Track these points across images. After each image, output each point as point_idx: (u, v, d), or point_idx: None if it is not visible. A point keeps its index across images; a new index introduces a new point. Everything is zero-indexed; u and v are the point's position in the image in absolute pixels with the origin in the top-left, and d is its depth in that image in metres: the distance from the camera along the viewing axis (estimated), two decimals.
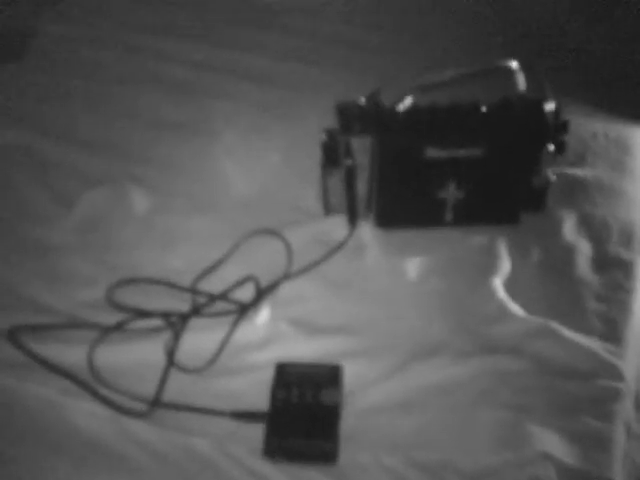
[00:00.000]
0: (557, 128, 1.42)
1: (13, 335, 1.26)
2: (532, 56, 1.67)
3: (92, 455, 1.12)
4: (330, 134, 1.47)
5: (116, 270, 1.39)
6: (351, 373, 1.21)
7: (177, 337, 1.28)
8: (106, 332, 1.28)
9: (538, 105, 1.40)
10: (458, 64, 1.47)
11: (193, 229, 1.50)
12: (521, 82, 1.44)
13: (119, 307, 1.33)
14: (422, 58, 1.89)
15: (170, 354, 1.25)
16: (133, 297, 1.34)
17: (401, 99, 1.42)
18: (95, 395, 1.19)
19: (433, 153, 1.41)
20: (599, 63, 1.93)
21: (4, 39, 2.06)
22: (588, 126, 1.73)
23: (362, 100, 1.46)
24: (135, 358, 1.25)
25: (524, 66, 1.45)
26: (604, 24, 2.02)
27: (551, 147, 1.43)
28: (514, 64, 1.44)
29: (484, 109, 1.40)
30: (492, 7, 2.11)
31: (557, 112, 1.41)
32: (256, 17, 2.16)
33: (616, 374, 1.22)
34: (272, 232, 1.45)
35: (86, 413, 1.17)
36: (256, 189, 1.59)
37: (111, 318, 1.31)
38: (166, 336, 1.28)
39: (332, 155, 1.47)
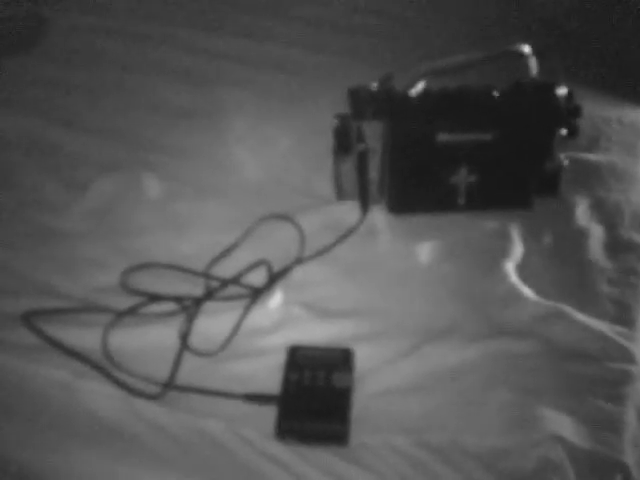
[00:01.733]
0: (569, 112, 1.42)
1: (28, 319, 1.27)
2: (545, 41, 1.67)
3: (105, 437, 1.12)
4: (342, 119, 1.48)
5: (129, 255, 1.40)
6: (362, 356, 1.21)
7: (190, 321, 1.28)
8: (120, 316, 1.29)
9: (550, 89, 1.40)
10: (470, 49, 1.47)
11: (205, 215, 1.50)
12: (533, 67, 1.44)
13: (133, 291, 1.33)
14: (433, 44, 1.90)
15: (183, 337, 1.26)
16: (146, 282, 1.35)
17: (413, 84, 1.43)
18: (109, 377, 1.19)
19: (445, 138, 1.41)
20: (613, 48, 1.92)
21: (14, 29, 2.07)
22: (602, 111, 1.73)
23: (374, 85, 1.46)
24: (149, 341, 1.26)
25: (536, 51, 1.45)
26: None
27: (563, 131, 1.43)
28: (526, 48, 1.43)
29: (496, 93, 1.41)
30: None
31: (569, 96, 1.42)
32: (266, 5, 2.17)
33: (627, 357, 1.22)
34: (284, 217, 1.46)
35: (100, 395, 1.17)
36: (268, 175, 1.60)
37: (125, 302, 1.31)
38: (179, 320, 1.29)
39: (344, 140, 1.47)
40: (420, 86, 1.42)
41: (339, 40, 2.01)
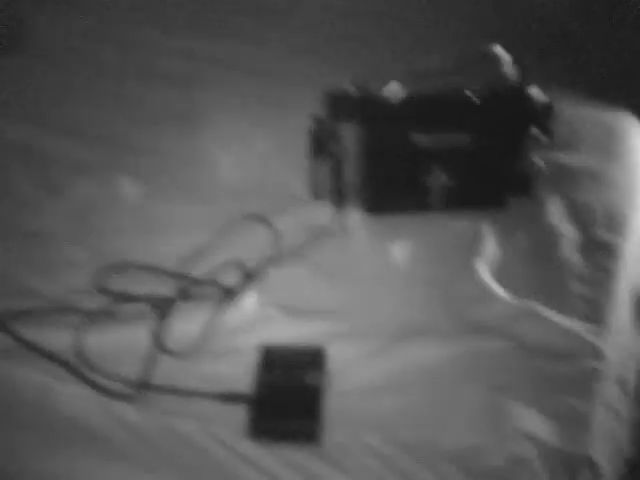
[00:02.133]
0: (542, 113, 1.43)
1: (2, 321, 1.27)
2: (521, 43, 1.68)
3: (80, 438, 1.13)
4: (318, 121, 1.48)
5: (104, 256, 1.40)
6: (335, 355, 1.22)
7: (163, 321, 1.29)
8: (93, 317, 1.29)
9: (522, 90, 1.41)
10: (445, 50, 1.48)
11: (181, 215, 1.51)
12: (506, 67, 1.45)
13: (106, 292, 1.33)
14: (410, 46, 1.89)
15: (156, 338, 1.26)
16: (120, 282, 1.35)
17: (388, 86, 1.43)
18: (82, 379, 1.20)
19: (420, 139, 1.42)
20: (590, 51, 1.93)
21: (2, 30, 2.06)
22: (577, 113, 1.73)
23: (350, 87, 1.46)
24: (122, 342, 1.26)
25: (510, 52, 1.46)
26: (597, 14, 2.02)
27: (536, 131, 1.44)
28: (499, 49, 1.44)
29: (470, 95, 1.41)
30: None
31: (542, 97, 1.42)
32: (245, 8, 2.16)
33: (597, 354, 1.23)
34: (260, 218, 1.46)
35: (73, 396, 1.18)
36: (245, 176, 1.60)
37: (99, 303, 1.31)
38: (153, 320, 1.29)
39: (320, 142, 1.48)
40: (395, 88, 1.43)
41: (319, 43, 2.01)
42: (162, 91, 1.85)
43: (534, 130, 1.44)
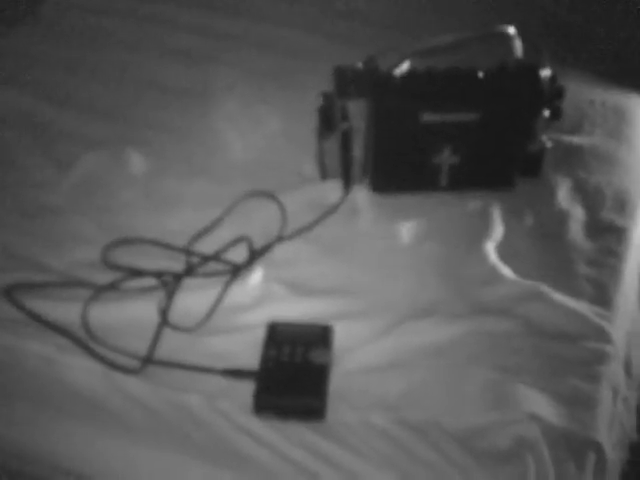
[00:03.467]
0: (553, 94, 1.42)
1: (10, 293, 1.28)
2: (531, 23, 1.67)
3: (85, 410, 1.14)
4: (327, 98, 1.47)
5: (112, 231, 1.40)
6: (342, 333, 1.22)
7: (170, 296, 1.29)
8: (100, 291, 1.29)
9: (534, 71, 1.40)
10: (456, 29, 1.47)
11: (190, 192, 1.50)
12: (518, 48, 1.44)
13: (114, 267, 1.34)
14: (421, 26, 1.88)
15: (163, 313, 1.26)
16: (128, 257, 1.35)
17: (398, 64, 1.42)
18: (89, 352, 1.20)
19: (429, 117, 1.41)
20: (599, 31, 1.92)
21: (6, 3, 2.06)
22: (586, 93, 1.73)
23: (360, 65, 1.46)
24: (129, 316, 1.27)
25: (521, 32, 1.45)
26: None
27: (546, 113, 1.43)
28: (511, 30, 1.44)
29: (481, 74, 1.40)
30: None
31: (553, 78, 1.41)
32: None
33: (604, 337, 1.23)
34: (267, 195, 1.46)
35: (80, 369, 1.18)
36: (254, 154, 1.60)
37: (106, 277, 1.32)
38: (160, 295, 1.29)
39: (328, 119, 1.47)
40: (405, 66, 1.42)
41: (330, 21, 2.00)
42: (174, 67, 1.84)
43: (544, 111, 1.43)
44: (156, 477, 1.08)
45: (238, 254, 1.36)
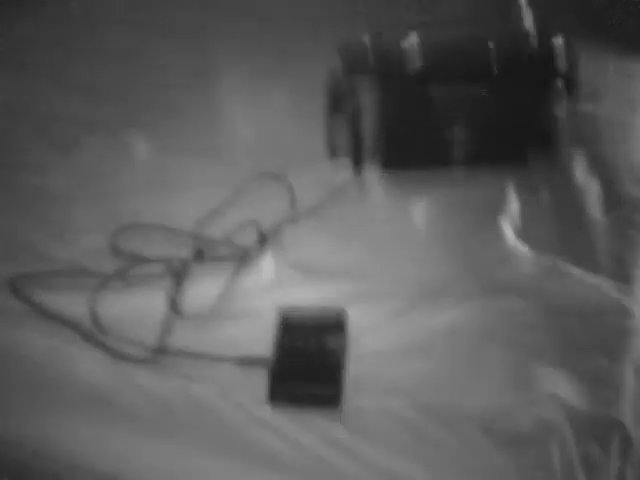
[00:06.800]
0: (567, 64, 1.39)
1: (14, 284, 1.25)
2: None
3: (95, 403, 1.11)
4: (334, 75, 1.44)
5: (117, 217, 1.38)
6: (355, 317, 1.19)
7: (179, 283, 1.26)
8: (107, 280, 1.27)
9: (547, 40, 1.36)
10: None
11: (195, 174, 1.48)
12: (528, 17, 1.40)
13: (121, 254, 1.31)
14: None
15: (173, 301, 1.23)
16: (134, 244, 1.33)
17: (406, 37, 1.39)
18: (98, 343, 1.17)
19: (439, 91, 1.38)
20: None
21: None
22: (599, 62, 1.68)
23: (367, 39, 1.42)
24: (137, 305, 1.24)
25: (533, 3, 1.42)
26: None
27: (561, 84, 1.39)
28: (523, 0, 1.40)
29: (491, 44, 1.37)
30: None
31: (567, 48, 1.38)
32: None
33: (625, 312, 1.20)
34: (276, 176, 1.43)
35: (89, 361, 1.15)
36: (260, 133, 1.58)
37: (113, 265, 1.29)
38: (168, 283, 1.27)
39: (337, 97, 1.44)
40: (413, 38, 1.39)
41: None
42: (175, 45, 1.81)
43: (558, 82, 1.39)
44: (168, 471, 1.06)
45: (247, 237, 1.34)
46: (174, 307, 1.23)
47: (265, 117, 1.61)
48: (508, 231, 1.33)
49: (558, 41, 1.37)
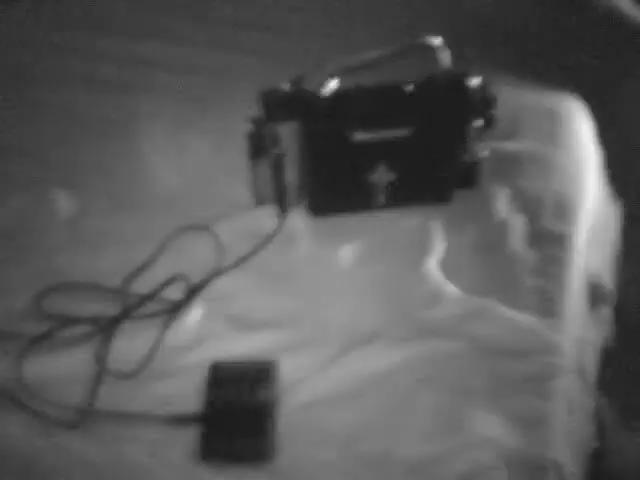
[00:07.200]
0: (484, 103, 1.40)
1: None
2: (461, 33, 1.65)
3: (23, 470, 1.09)
4: (256, 123, 1.44)
5: (42, 276, 1.35)
6: (287, 368, 1.19)
7: (107, 342, 1.24)
8: (33, 342, 1.24)
9: (462, 81, 1.38)
10: (382, 43, 1.44)
11: (121, 229, 1.45)
12: (445, 58, 1.41)
13: (46, 315, 1.28)
14: (346, 40, 1.84)
15: (100, 360, 1.21)
16: (61, 303, 1.30)
17: (326, 82, 1.39)
18: (25, 408, 1.15)
19: (361, 136, 1.38)
20: (528, 33, 1.90)
21: None
22: (518, 97, 1.69)
23: (286, 86, 1.42)
24: (65, 367, 1.22)
25: (448, 40, 1.43)
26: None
27: (479, 122, 1.41)
28: (437, 40, 1.41)
29: (409, 88, 1.38)
30: None
31: (483, 86, 1.39)
32: (174, 5, 2.08)
33: (554, 350, 1.20)
34: (201, 227, 1.42)
35: (16, 427, 1.13)
36: (185, 184, 1.55)
37: (39, 327, 1.27)
38: (96, 342, 1.24)
39: (258, 144, 1.43)
40: (333, 84, 1.39)
41: (252, 39, 1.95)
42: (95, 98, 1.77)
43: (476, 120, 1.40)
44: None
45: (175, 292, 1.32)
46: (102, 367, 1.21)
47: (188, 167, 1.59)
48: (434, 272, 1.33)
49: (474, 81, 1.38)
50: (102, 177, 1.58)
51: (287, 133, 1.40)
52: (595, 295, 1.44)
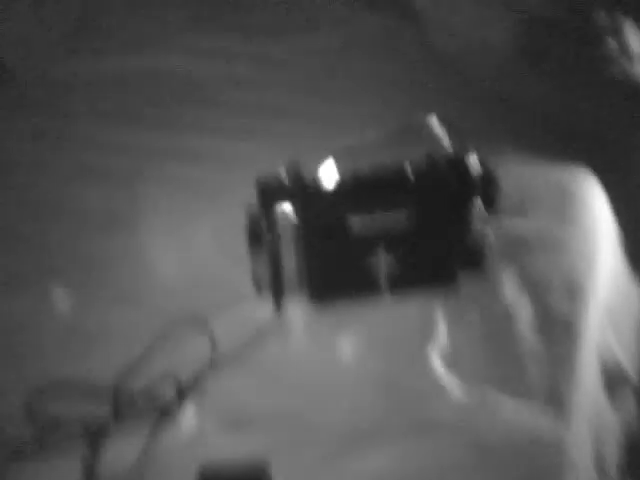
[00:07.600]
0: (483, 182, 1.35)
1: None
2: (461, 108, 1.61)
3: None
4: (253, 209, 1.40)
5: (31, 376, 1.31)
6: (282, 467, 1.11)
7: (96, 447, 1.19)
8: (22, 447, 1.20)
9: (460, 160, 1.34)
10: (380, 123, 1.42)
11: (116, 324, 1.41)
12: (444, 137, 1.38)
13: (35, 419, 1.24)
14: (342, 122, 1.81)
15: (89, 467, 1.17)
16: (51, 404, 1.26)
17: (323, 167, 1.37)
18: None
19: (359, 221, 1.34)
20: (533, 108, 1.86)
21: None
22: (526, 173, 1.65)
23: (283, 172, 1.39)
24: (52, 474, 1.17)
25: (448, 118, 1.39)
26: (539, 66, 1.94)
27: (480, 202, 1.36)
28: (433, 120, 1.38)
29: (407, 170, 1.34)
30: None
31: (483, 164, 1.35)
32: (173, 93, 2.07)
33: (559, 443, 1.14)
34: (195, 320, 1.37)
35: None
36: (185, 276, 1.51)
37: (28, 430, 1.23)
38: (85, 446, 1.20)
39: (256, 232, 1.40)
40: (330, 168, 1.36)
41: (250, 123, 1.93)
42: (94, 189, 1.74)
43: (477, 201, 1.36)
44: None
45: (167, 391, 1.27)
46: (90, 474, 1.16)
47: (191, 258, 1.56)
48: (436, 362, 1.27)
49: (473, 159, 1.33)
50: (99, 270, 1.55)
51: (283, 221, 1.36)
52: (615, 379, 1.37)
